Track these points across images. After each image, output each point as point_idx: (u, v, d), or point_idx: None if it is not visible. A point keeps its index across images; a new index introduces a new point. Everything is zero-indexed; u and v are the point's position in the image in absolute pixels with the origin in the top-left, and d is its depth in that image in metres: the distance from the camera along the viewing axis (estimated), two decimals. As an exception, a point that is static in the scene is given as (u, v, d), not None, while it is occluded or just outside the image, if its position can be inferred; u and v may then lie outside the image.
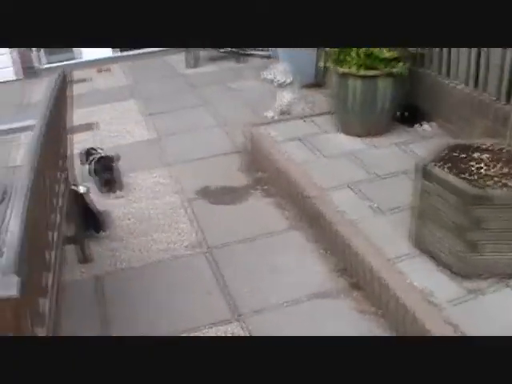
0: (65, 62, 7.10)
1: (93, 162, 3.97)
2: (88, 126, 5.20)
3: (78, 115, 5.46)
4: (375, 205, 3.08)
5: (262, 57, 6.36)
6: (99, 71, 6.95)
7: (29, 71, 7.07)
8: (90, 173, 3.96)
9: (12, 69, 7.09)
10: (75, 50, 7.15)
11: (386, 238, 2.78)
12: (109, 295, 2.90)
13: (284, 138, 3.94)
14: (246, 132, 4.24)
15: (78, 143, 4.73)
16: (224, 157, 4.26)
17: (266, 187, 3.76)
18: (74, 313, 2.57)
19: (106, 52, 7.20)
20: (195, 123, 4.96)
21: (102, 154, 4.01)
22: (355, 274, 2.74)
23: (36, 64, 7.13)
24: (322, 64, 4.09)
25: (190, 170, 4.13)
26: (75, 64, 7.11)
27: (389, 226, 2.90)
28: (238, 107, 5.16)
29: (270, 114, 4.56)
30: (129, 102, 5.71)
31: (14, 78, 7.12)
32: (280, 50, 5.33)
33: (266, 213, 3.48)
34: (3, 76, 7.05)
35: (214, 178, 3.95)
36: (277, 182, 3.68)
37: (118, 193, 3.88)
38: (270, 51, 6.17)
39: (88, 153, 4.10)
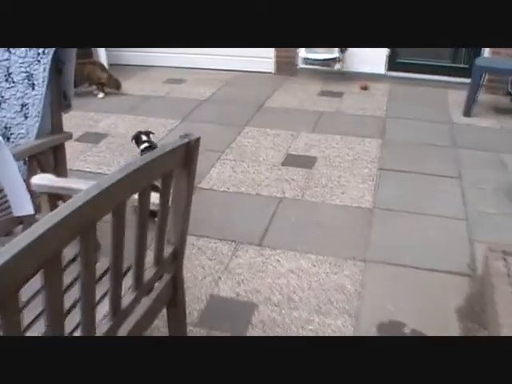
0: (321, 67, 6.26)
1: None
2: (306, 162, 4.26)
3: (305, 141, 4.63)
4: None
5: None
6: (363, 88, 5.92)
7: (286, 67, 6.38)
8: None
9: (272, 61, 6.48)
10: (343, 54, 6.23)
11: None
12: None
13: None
14: (486, 251, 2.89)
15: (289, 182, 3.87)
16: (445, 276, 2.95)
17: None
18: None
19: (370, 65, 6.16)
20: (431, 203, 3.68)
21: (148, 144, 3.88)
22: None
23: (295, 61, 6.39)
24: None
25: (390, 280, 2.93)
26: (335, 72, 6.21)
27: None
28: (499, 199, 3.73)
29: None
30: (370, 142, 4.61)
31: (272, 71, 6.51)
32: None
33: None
34: (262, 67, 6.50)
35: (414, 309, 2.71)
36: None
37: None
38: None
39: (137, 138, 3.99)
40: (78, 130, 4.91)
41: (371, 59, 6.10)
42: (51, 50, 2.56)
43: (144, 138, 3.95)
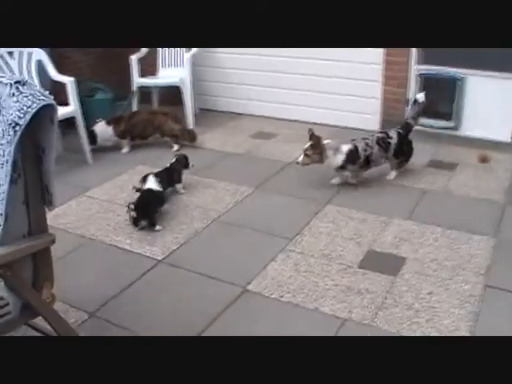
0: (432, 130, 5.27)
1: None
2: (391, 264, 3.36)
3: (396, 232, 3.66)
4: None
5: None
6: (482, 160, 4.86)
7: (393, 127, 5.45)
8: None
9: (378, 118, 5.60)
10: (460, 115, 5.20)
11: None
12: None
13: None
14: None
15: (362, 294, 2.92)
16: None
17: None
18: None
19: (492, 130, 5.07)
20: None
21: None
22: None
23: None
24: None
25: None
26: (450, 136, 5.22)
27: None
28: None
29: None
30: (480, 241, 3.57)
31: (376, 129, 5.62)
32: None
33: None
34: (365, 124, 5.64)
35: None
36: None
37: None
38: None
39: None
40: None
41: (494, 122, 5.04)
42: (19, 132, 1.92)
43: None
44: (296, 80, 5.82)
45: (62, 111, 4.90)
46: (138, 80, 5.83)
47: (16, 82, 1.97)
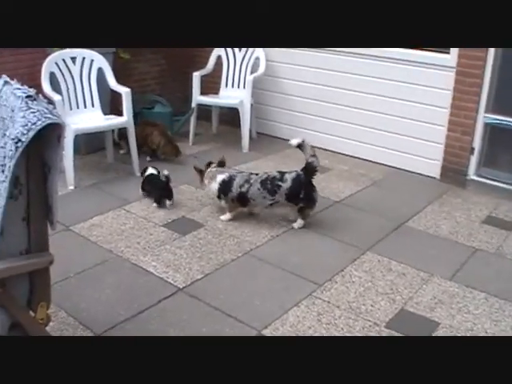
0: (502, 185, 4.93)
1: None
2: (421, 328, 3.10)
3: (434, 292, 3.36)
4: None
5: None
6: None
7: (453, 175, 5.16)
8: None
9: (439, 163, 5.30)
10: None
11: None
12: None
13: None
14: None
15: None
16: None
17: None
18: None
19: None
20: None
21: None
22: None
23: (466, 170, 5.12)
24: None
25: None
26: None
27: None
28: None
29: None
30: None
31: (436, 176, 5.32)
32: None
33: None
34: (424, 168, 5.36)
35: None
36: None
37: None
38: None
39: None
40: (177, 212, 4.27)
41: None
42: (21, 148, 1.84)
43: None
44: (358, 115, 5.62)
45: (115, 121, 4.92)
46: (197, 97, 5.78)
47: (27, 97, 1.91)
